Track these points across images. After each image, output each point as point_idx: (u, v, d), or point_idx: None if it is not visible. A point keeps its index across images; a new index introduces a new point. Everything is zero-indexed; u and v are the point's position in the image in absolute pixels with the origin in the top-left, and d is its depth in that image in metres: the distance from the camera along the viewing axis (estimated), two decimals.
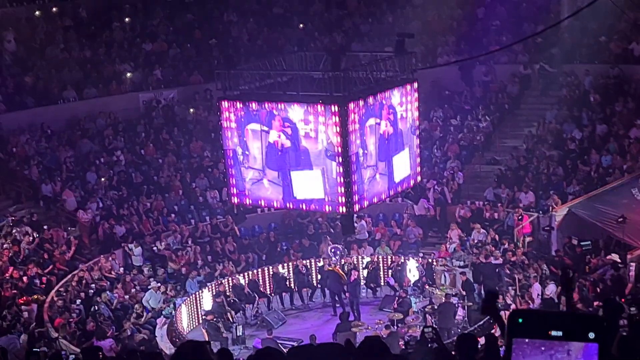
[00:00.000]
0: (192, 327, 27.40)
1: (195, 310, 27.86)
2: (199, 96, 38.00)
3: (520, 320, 2.83)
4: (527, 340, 2.81)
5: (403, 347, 21.39)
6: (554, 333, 2.79)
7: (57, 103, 36.25)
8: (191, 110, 37.56)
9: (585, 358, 2.79)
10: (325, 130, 21.22)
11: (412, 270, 29.03)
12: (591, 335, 2.78)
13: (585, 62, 36.24)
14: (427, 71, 33.75)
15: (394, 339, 22.24)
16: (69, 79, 37.07)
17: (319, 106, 21.24)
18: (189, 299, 27.71)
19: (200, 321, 27.47)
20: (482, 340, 11.85)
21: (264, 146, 22.40)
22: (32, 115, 34.92)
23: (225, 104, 22.81)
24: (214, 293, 27.61)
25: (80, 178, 32.84)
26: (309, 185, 22.05)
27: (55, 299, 25.91)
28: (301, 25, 42.06)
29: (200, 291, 28.09)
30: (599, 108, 33.97)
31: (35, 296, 25.87)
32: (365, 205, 23.21)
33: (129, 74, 38.46)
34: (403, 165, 24.15)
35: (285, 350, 12.95)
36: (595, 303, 22.33)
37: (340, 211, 22.23)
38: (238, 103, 22.58)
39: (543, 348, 2.79)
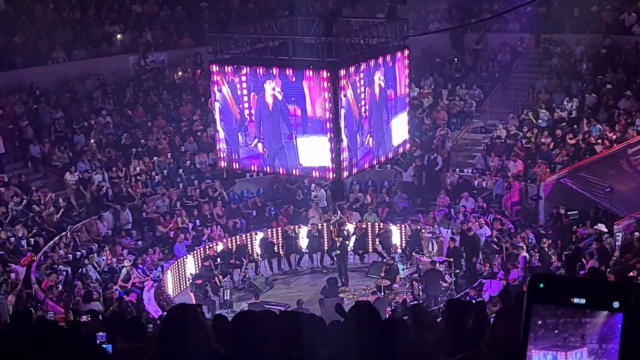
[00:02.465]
0: (177, 292, 27.42)
1: (180, 275, 27.87)
2: (189, 59, 37.80)
3: (542, 285, 2.68)
4: (539, 321, 2.69)
5: (390, 313, 21.51)
6: (576, 300, 2.64)
7: (46, 64, 36.00)
8: (179, 73, 37.37)
9: (600, 341, 2.67)
10: (317, 95, 21.19)
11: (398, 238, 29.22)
12: (616, 304, 2.63)
13: (576, 32, 36.17)
14: (418, 38, 33.62)
15: (381, 305, 22.30)
16: (59, 40, 36.80)
17: (309, 71, 21.19)
18: (174, 264, 27.73)
19: (186, 285, 27.53)
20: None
21: (257, 110, 22.34)
22: (20, 76, 34.68)
23: (215, 67, 22.73)
24: (202, 257, 27.64)
25: (69, 140, 32.69)
26: (315, 152, 22.00)
27: (43, 260, 25.88)
28: None
29: (186, 256, 28.10)
30: (589, 78, 33.94)
31: (28, 259, 25.85)
32: (354, 173, 23.26)
33: (118, 36, 38.21)
34: (401, 128, 24.18)
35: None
36: (582, 273, 22.43)
37: (330, 177, 22.27)
38: (229, 67, 22.50)
39: (556, 331, 2.68)
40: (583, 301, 2.65)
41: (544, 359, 2.68)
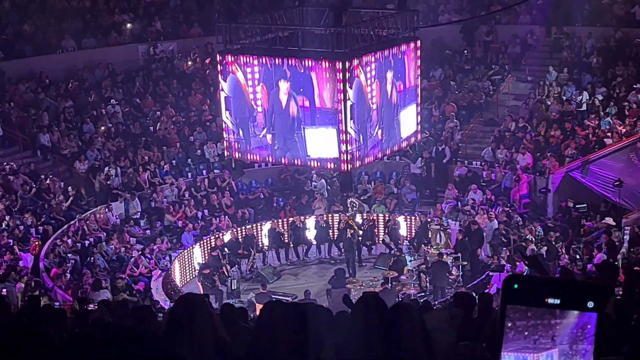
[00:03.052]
0: (185, 282, 27.44)
1: (188, 264, 27.87)
2: (199, 49, 37.79)
3: (516, 285, 2.68)
4: (509, 323, 2.68)
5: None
6: (550, 301, 2.65)
7: (55, 52, 36.05)
8: (189, 62, 37.37)
9: (570, 342, 2.66)
10: (327, 86, 21.20)
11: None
12: (590, 304, 2.65)
13: (587, 25, 36.05)
14: (428, 30, 33.56)
15: (388, 297, 22.30)
16: (68, 29, 36.82)
17: (323, 62, 21.20)
18: (182, 253, 27.74)
19: (193, 275, 27.56)
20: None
21: (268, 102, 22.39)
22: (30, 64, 34.72)
23: (225, 57, 22.74)
24: (210, 247, 27.67)
25: (78, 129, 32.75)
26: (323, 144, 22.05)
27: (51, 249, 25.95)
28: None
29: (193, 245, 28.12)
30: (600, 71, 33.85)
31: (37, 242, 25.96)
32: (365, 163, 23.29)
33: (128, 25, 38.22)
34: (410, 120, 24.18)
35: None
36: (589, 266, 22.42)
37: (342, 168, 22.31)
38: (239, 57, 22.52)
39: (526, 333, 2.66)
40: (558, 301, 2.66)
41: None
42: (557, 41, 36.35)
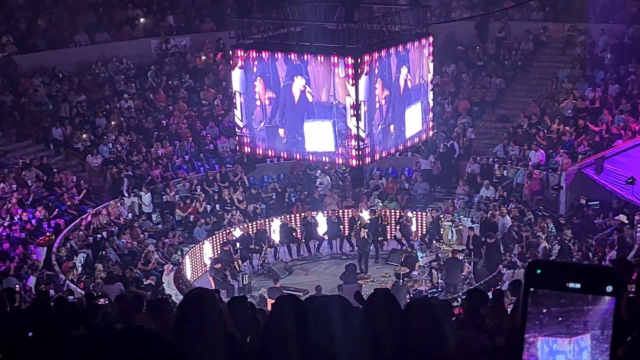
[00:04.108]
0: (196, 276, 27.47)
1: (199, 259, 27.89)
2: (211, 44, 37.81)
3: (539, 271, 2.76)
4: (544, 310, 2.75)
5: (409, 301, 21.46)
6: (571, 285, 2.73)
7: (68, 47, 36.13)
8: (202, 57, 37.40)
9: (601, 328, 2.73)
10: (339, 82, 21.18)
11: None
12: (609, 288, 2.71)
13: (600, 22, 35.92)
14: (441, 26, 33.51)
15: (400, 293, 22.30)
16: (81, 23, 36.90)
17: (334, 57, 21.19)
18: (193, 248, 27.77)
19: (204, 271, 27.60)
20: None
21: (276, 96, 22.39)
22: (43, 58, 34.81)
23: (238, 52, 22.76)
24: (222, 241, 27.69)
25: (91, 123, 32.84)
26: (319, 138, 22.09)
27: (63, 242, 26.03)
28: None
29: (205, 240, 28.14)
30: (613, 68, 33.75)
31: (49, 235, 26.04)
32: (377, 159, 23.26)
33: (141, 20, 38.28)
34: (415, 119, 24.13)
35: None
36: (604, 263, 22.36)
37: (353, 164, 22.30)
38: (252, 52, 22.53)
39: (560, 319, 2.74)
40: (578, 286, 2.73)
41: (548, 346, 2.73)
42: (570, 38, 36.22)
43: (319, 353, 5.31)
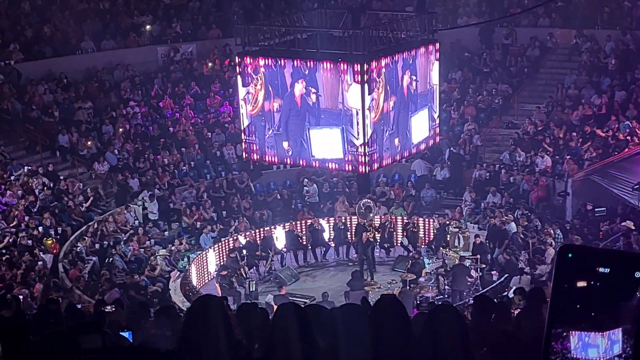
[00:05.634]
0: (202, 283, 27.44)
1: (205, 266, 27.86)
2: (218, 51, 37.87)
3: (570, 255, 2.79)
4: (577, 305, 2.74)
5: (415, 307, 21.44)
6: (601, 270, 2.74)
7: (75, 54, 36.21)
8: (209, 64, 37.45)
9: (633, 323, 2.73)
10: (346, 89, 21.20)
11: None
12: (638, 274, 2.73)
13: (606, 28, 35.91)
14: (447, 32, 33.55)
15: (406, 299, 22.27)
16: (88, 30, 36.98)
17: (341, 64, 21.22)
18: (200, 255, 27.74)
19: (210, 277, 27.59)
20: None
21: (283, 103, 22.42)
22: (49, 65, 34.89)
23: (244, 59, 22.80)
24: (228, 248, 27.70)
25: (97, 130, 32.89)
26: (327, 145, 22.10)
27: (70, 249, 26.05)
28: None
29: (212, 247, 28.13)
30: (619, 74, 33.72)
31: (50, 240, 26.06)
32: (383, 165, 23.28)
33: (147, 27, 38.35)
34: (422, 126, 24.14)
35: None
36: None
37: (360, 171, 22.31)
38: (258, 59, 22.57)
39: (593, 313, 2.74)
40: (607, 270, 2.75)
41: (580, 339, 2.72)
42: (576, 44, 36.21)
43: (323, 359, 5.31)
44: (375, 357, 5.14)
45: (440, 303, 19.85)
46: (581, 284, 2.75)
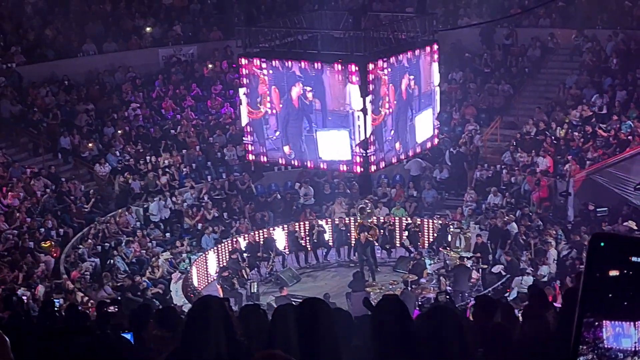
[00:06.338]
0: (204, 285, 27.44)
1: (207, 267, 27.85)
2: (219, 53, 37.90)
3: (603, 244, 2.72)
4: (609, 295, 2.70)
5: (417, 308, 21.44)
6: (634, 259, 2.68)
7: (76, 56, 36.24)
8: (210, 66, 37.47)
9: None
10: (348, 90, 21.24)
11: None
12: None
13: (607, 28, 35.91)
14: (448, 33, 33.56)
15: (408, 300, 22.26)
16: (89, 33, 37.01)
17: (338, 65, 21.24)
18: (201, 256, 27.75)
19: (212, 279, 27.61)
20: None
21: (282, 107, 22.45)
22: (52, 68, 34.93)
23: (245, 61, 22.82)
24: (230, 249, 27.71)
25: (99, 132, 32.92)
26: (335, 146, 22.12)
27: (72, 251, 26.08)
28: None
29: (213, 248, 28.14)
30: (620, 74, 33.71)
31: (48, 243, 26.09)
32: (383, 166, 23.29)
33: (148, 29, 38.39)
34: (425, 126, 24.15)
35: None
36: None
37: (358, 171, 22.33)
38: (258, 60, 22.59)
39: (625, 303, 2.68)
40: None
41: (613, 329, 2.70)
42: (577, 44, 36.21)
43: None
44: (378, 357, 5.15)
45: (439, 303, 19.81)
46: (613, 272, 2.71)
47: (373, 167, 22.38)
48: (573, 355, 2.72)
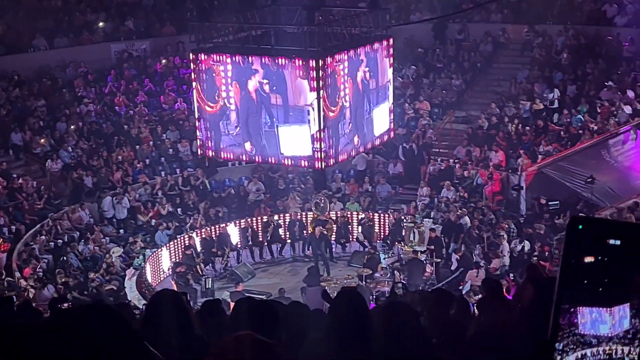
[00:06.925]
0: (158, 280, 27.32)
1: (161, 263, 27.74)
2: (172, 48, 37.70)
3: (581, 226, 2.73)
4: (585, 281, 2.71)
5: (372, 302, 21.55)
6: (611, 242, 2.69)
7: (27, 52, 35.86)
8: (163, 61, 37.27)
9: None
10: (304, 85, 21.26)
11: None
12: None
13: (558, 23, 36.24)
14: (400, 28, 33.60)
15: (363, 294, 22.31)
16: (40, 28, 36.61)
17: (299, 61, 21.25)
18: (155, 252, 27.63)
19: (166, 275, 27.50)
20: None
21: (243, 99, 22.42)
22: (2, 64, 34.54)
23: (198, 56, 22.74)
24: (184, 245, 27.61)
25: (51, 128, 32.60)
26: (295, 142, 22.12)
27: (24, 248, 25.84)
28: None
29: (167, 244, 28.03)
30: (570, 69, 34.05)
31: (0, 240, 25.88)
32: (340, 160, 23.36)
33: (100, 24, 38.06)
34: (380, 120, 24.26)
35: None
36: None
37: (316, 166, 22.38)
38: (211, 55, 22.52)
39: (601, 289, 2.69)
40: (618, 242, 2.69)
41: (589, 315, 2.72)
42: (528, 39, 36.52)
43: (284, 353, 5.34)
44: (336, 349, 5.17)
45: (395, 294, 19.90)
46: (589, 259, 2.71)
47: (331, 161, 22.47)
48: (551, 341, 2.75)
